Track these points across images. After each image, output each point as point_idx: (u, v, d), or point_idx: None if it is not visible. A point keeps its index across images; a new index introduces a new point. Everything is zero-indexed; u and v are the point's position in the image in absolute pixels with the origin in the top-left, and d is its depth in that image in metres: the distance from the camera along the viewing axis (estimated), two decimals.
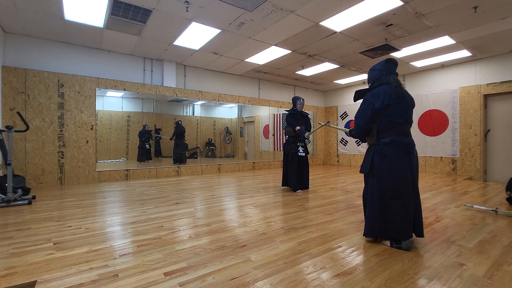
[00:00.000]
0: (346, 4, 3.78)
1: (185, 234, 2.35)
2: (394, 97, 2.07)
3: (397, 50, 5.54)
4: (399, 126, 2.09)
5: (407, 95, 2.20)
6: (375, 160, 2.13)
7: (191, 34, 4.85)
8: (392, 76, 2.18)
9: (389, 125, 2.09)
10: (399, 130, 2.09)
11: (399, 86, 2.12)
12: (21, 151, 4.73)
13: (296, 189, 4.35)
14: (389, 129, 2.10)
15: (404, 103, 2.12)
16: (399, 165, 2.05)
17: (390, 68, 2.22)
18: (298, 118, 4.55)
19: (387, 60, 2.24)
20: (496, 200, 3.84)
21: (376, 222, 2.11)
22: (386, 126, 2.10)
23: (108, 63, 5.75)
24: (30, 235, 2.33)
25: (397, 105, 2.08)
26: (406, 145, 2.06)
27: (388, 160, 2.07)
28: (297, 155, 4.37)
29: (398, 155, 2.06)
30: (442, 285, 1.53)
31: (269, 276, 1.61)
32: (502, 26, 4.44)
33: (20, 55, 4.83)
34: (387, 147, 2.08)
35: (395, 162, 2.05)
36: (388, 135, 2.10)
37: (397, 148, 2.06)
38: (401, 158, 2.05)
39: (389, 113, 2.08)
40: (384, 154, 2.09)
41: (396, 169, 2.05)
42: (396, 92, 2.09)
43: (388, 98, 2.06)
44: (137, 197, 3.96)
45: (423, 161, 7.09)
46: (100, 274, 1.63)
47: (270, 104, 8.45)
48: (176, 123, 7.82)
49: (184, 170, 6.62)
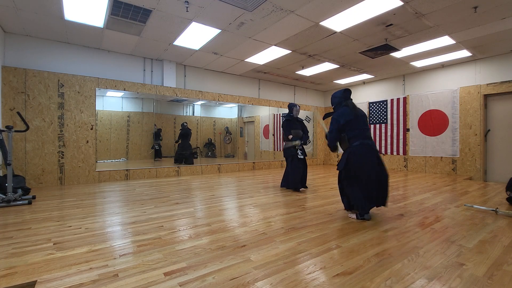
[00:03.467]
0: (346, 4, 3.78)
1: (185, 234, 2.35)
2: (352, 115, 2.95)
3: (397, 50, 5.54)
4: (362, 132, 2.94)
5: (360, 111, 3.07)
6: (350, 158, 2.90)
7: (191, 34, 4.85)
8: (349, 101, 3.09)
9: (356, 132, 2.93)
10: (364, 136, 2.93)
11: (354, 108, 3.04)
12: (21, 151, 4.73)
13: (298, 189, 4.51)
14: (357, 136, 2.92)
15: (359, 118, 2.99)
16: (367, 159, 2.85)
17: (347, 95, 3.12)
18: (294, 123, 4.73)
19: (345, 90, 3.14)
20: (496, 200, 3.84)
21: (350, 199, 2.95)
22: (354, 134, 2.93)
23: (108, 63, 5.75)
24: (30, 235, 2.33)
25: (355, 119, 2.95)
26: (370, 145, 2.89)
27: (360, 157, 2.85)
28: (297, 157, 4.55)
29: (367, 152, 2.86)
30: (442, 285, 1.53)
31: (269, 276, 1.61)
32: (502, 26, 4.44)
33: (20, 55, 4.83)
34: (358, 148, 2.87)
35: (365, 158, 2.85)
36: (357, 140, 2.90)
37: (365, 148, 2.86)
38: (369, 154, 2.86)
39: (353, 126, 2.94)
40: (357, 153, 2.87)
41: (366, 162, 2.84)
42: (353, 112, 2.99)
43: (348, 116, 2.95)
44: (137, 197, 3.96)
45: (423, 161, 7.09)
46: (100, 274, 1.63)
47: (270, 104, 8.45)
48: (182, 125, 7.83)
49: (184, 170, 6.62)
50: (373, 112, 8.35)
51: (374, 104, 8.30)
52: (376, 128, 8.25)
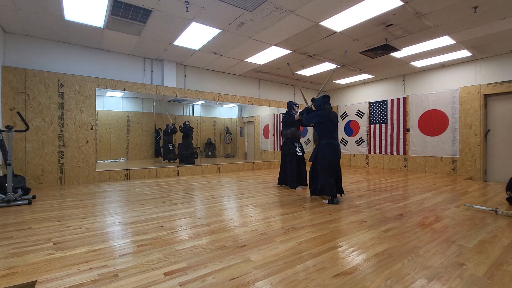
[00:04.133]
0: (346, 4, 3.78)
1: (185, 234, 2.35)
2: (325, 117, 3.70)
3: (397, 50, 5.54)
4: (331, 133, 3.72)
5: (334, 115, 3.79)
6: (318, 153, 3.74)
7: (191, 34, 4.85)
8: (326, 105, 3.74)
9: (325, 133, 3.72)
10: (331, 136, 3.71)
11: (329, 112, 3.72)
12: (21, 151, 4.73)
13: (295, 186, 4.60)
14: (325, 135, 3.72)
15: (331, 121, 3.72)
16: (331, 155, 3.63)
17: (326, 100, 3.79)
18: (293, 121, 4.88)
19: (324, 96, 3.83)
20: (496, 200, 3.84)
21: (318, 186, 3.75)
22: (323, 133, 3.73)
23: (108, 63, 5.75)
24: (30, 235, 2.33)
25: (327, 122, 3.70)
26: (334, 145, 3.67)
27: (326, 152, 3.65)
28: (295, 155, 4.69)
29: (331, 150, 3.64)
30: (442, 285, 1.53)
31: (269, 276, 1.61)
32: (502, 26, 4.44)
33: (20, 55, 4.83)
34: (325, 146, 3.67)
35: (329, 154, 3.64)
36: (326, 139, 3.70)
37: (331, 147, 3.65)
38: (332, 151, 3.64)
39: (324, 127, 3.71)
40: (323, 149, 3.68)
41: (330, 157, 3.63)
42: (328, 115, 3.70)
43: (322, 118, 3.72)
44: (137, 197, 3.96)
45: (423, 161, 7.10)
46: (100, 274, 1.63)
47: (270, 104, 8.45)
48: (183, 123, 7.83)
49: (184, 170, 6.62)
50: (373, 112, 8.36)
51: (374, 104, 8.30)
52: (376, 128, 8.25)
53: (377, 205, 3.48)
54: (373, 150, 8.36)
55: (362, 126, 8.66)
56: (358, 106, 8.79)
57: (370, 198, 3.88)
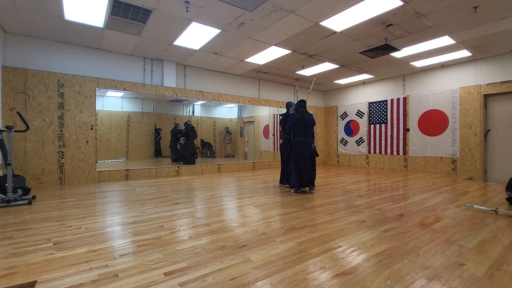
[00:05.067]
0: (346, 4, 3.78)
1: (185, 234, 2.35)
2: (298, 119, 4.32)
3: (397, 50, 5.54)
4: (303, 132, 4.31)
5: (309, 117, 4.43)
6: (293, 149, 4.36)
7: (191, 34, 4.84)
8: (301, 108, 4.35)
9: (297, 132, 4.33)
10: (303, 135, 4.30)
11: (302, 114, 4.33)
12: (21, 151, 4.73)
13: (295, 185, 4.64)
14: (297, 134, 4.33)
15: (304, 122, 4.32)
16: (302, 151, 4.22)
17: (302, 104, 4.40)
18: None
19: (300, 101, 4.45)
20: (496, 200, 3.84)
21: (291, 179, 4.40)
22: (296, 132, 4.35)
23: (108, 63, 5.75)
24: (30, 235, 2.33)
25: (300, 123, 4.32)
26: (306, 142, 4.25)
27: (297, 148, 4.25)
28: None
29: (302, 146, 4.24)
30: (442, 285, 1.53)
31: (269, 276, 1.61)
32: (502, 26, 4.44)
33: (20, 55, 4.83)
34: (297, 143, 4.28)
35: (300, 150, 4.23)
36: (298, 137, 4.31)
37: (302, 143, 4.25)
38: (303, 147, 4.23)
39: (297, 127, 4.33)
40: (296, 146, 4.29)
41: (300, 153, 4.22)
42: (300, 117, 4.32)
43: (295, 120, 4.34)
44: (137, 197, 3.96)
45: (423, 161, 7.10)
46: (100, 274, 1.63)
47: (270, 104, 8.45)
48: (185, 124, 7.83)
49: (184, 170, 6.62)
50: (373, 112, 8.36)
51: (374, 104, 8.30)
52: (376, 128, 8.25)
53: (377, 205, 3.48)
54: (373, 150, 8.36)
55: (362, 126, 8.66)
56: (358, 106, 8.78)
57: (370, 198, 3.88)
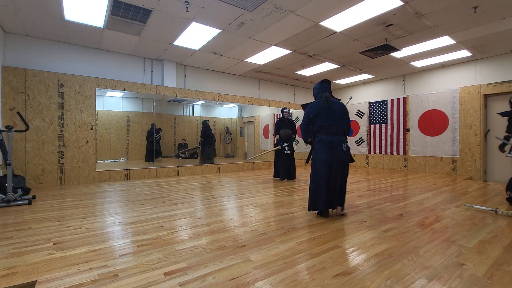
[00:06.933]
0: (346, 4, 3.78)
1: (185, 234, 2.35)
2: (321, 107, 2.86)
3: (397, 50, 5.54)
4: (326, 128, 2.84)
5: (337, 105, 2.92)
6: (313, 153, 2.94)
7: (191, 34, 4.84)
8: (324, 93, 2.94)
9: (318, 128, 2.88)
10: (326, 131, 2.85)
11: (326, 100, 2.88)
12: (21, 151, 4.73)
13: (283, 178, 5.49)
14: (319, 130, 2.89)
15: (329, 111, 2.85)
16: (324, 156, 2.78)
17: (325, 86, 3.00)
18: (285, 123, 5.56)
19: (323, 81, 3.03)
20: (496, 200, 3.84)
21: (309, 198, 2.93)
22: (317, 129, 2.91)
23: (108, 63, 5.75)
24: (30, 235, 2.33)
25: (323, 113, 2.86)
26: (332, 142, 2.79)
27: (318, 153, 2.83)
28: (284, 153, 5.44)
29: (325, 148, 2.79)
30: (442, 285, 1.53)
31: (269, 276, 1.61)
32: (502, 26, 4.43)
33: (20, 55, 4.83)
34: (318, 144, 2.85)
35: (322, 154, 2.79)
36: (318, 135, 2.88)
37: (325, 144, 2.80)
38: (327, 150, 2.78)
39: (318, 119, 2.88)
40: (316, 149, 2.87)
41: (322, 158, 2.78)
42: (325, 104, 2.86)
43: (316, 108, 2.88)
44: (137, 197, 3.95)
45: (423, 161, 7.09)
46: (100, 274, 1.63)
47: (270, 104, 8.44)
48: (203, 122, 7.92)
49: (184, 170, 6.62)
50: (373, 112, 8.35)
51: (374, 104, 8.30)
52: (376, 128, 8.25)
53: (377, 205, 3.48)
54: (373, 150, 8.35)
55: (362, 126, 8.66)
56: (358, 106, 8.78)
57: (370, 198, 3.88)
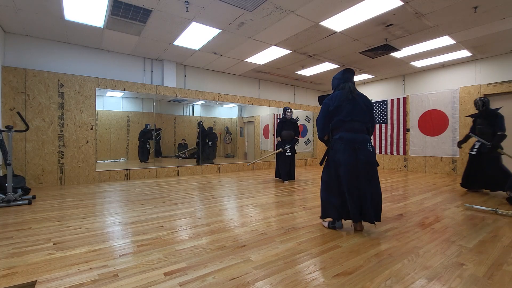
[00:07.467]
0: (346, 4, 3.78)
1: (185, 234, 2.35)
2: (343, 99, 2.40)
3: (397, 50, 5.54)
4: (347, 124, 2.38)
5: (362, 99, 2.47)
6: (330, 153, 2.46)
7: (191, 34, 4.84)
8: (347, 83, 2.48)
9: (339, 123, 2.41)
10: (347, 128, 2.38)
11: (350, 92, 2.42)
12: (21, 151, 4.73)
13: (284, 179, 5.42)
14: (338, 127, 2.41)
15: (353, 105, 2.39)
16: (345, 158, 2.31)
17: (347, 76, 2.54)
18: (288, 124, 5.52)
19: (345, 70, 2.55)
20: (496, 200, 3.84)
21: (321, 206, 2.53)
22: (336, 125, 2.43)
23: (108, 63, 5.75)
24: (30, 235, 2.33)
25: (345, 106, 2.38)
26: (352, 141, 2.33)
27: (337, 152, 2.37)
28: (285, 154, 5.42)
29: (347, 148, 2.32)
30: (442, 285, 1.53)
31: (269, 276, 1.61)
32: (502, 26, 4.43)
33: (20, 55, 4.83)
34: (337, 143, 2.38)
35: (342, 154, 2.33)
36: (338, 132, 2.41)
37: (346, 143, 2.33)
38: (349, 151, 2.32)
39: (339, 113, 2.40)
40: (335, 148, 2.39)
41: (343, 160, 2.32)
42: (346, 95, 2.40)
43: (337, 100, 2.41)
44: (137, 197, 3.96)
45: (423, 161, 7.09)
46: (100, 274, 1.63)
47: (270, 104, 8.44)
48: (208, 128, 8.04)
49: (184, 170, 6.62)
50: None
51: (374, 104, 8.30)
52: (376, 128, 8.25)
53: None
54: None
55: None
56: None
57: None
